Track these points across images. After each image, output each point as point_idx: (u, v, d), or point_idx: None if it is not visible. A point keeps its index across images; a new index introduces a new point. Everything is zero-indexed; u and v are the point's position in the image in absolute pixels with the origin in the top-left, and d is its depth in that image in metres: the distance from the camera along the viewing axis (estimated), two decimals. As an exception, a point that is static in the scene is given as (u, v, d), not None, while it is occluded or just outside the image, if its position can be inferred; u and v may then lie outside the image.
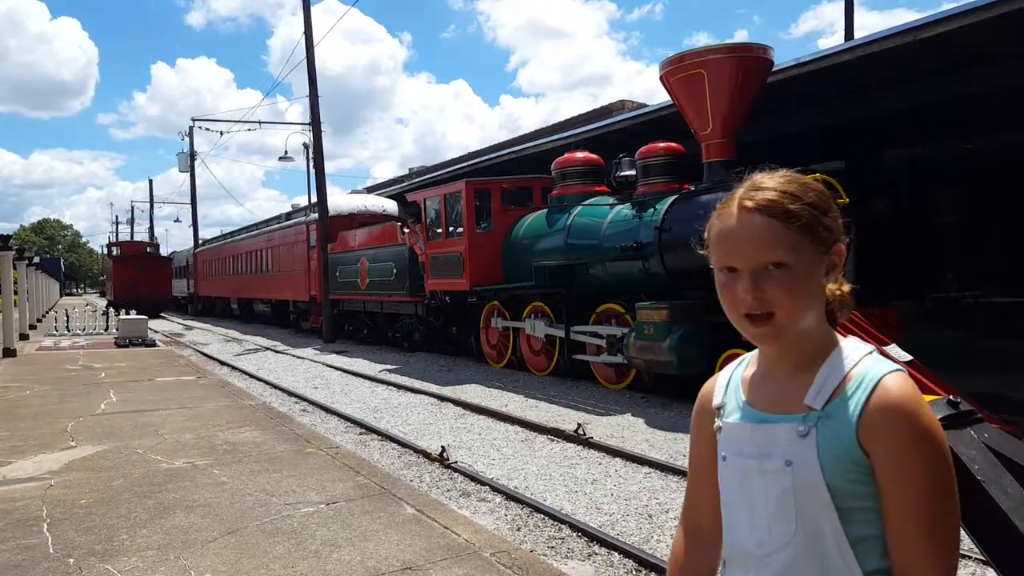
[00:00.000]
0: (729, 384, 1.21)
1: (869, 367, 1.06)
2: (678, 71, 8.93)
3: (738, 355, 5.45)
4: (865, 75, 9.37)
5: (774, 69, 9.08)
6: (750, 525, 1.10)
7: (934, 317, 13.35)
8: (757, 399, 1.15)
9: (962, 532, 1.12)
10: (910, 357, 7.10)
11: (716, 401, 1.21)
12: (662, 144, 9.65)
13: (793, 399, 1.09)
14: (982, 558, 3.71)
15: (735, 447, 1.14)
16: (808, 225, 1.06)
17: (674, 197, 9.11)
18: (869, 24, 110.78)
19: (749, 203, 1.07)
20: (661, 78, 9.28)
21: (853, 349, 1.11)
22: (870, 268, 12.07)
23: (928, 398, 3.54)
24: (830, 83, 9.71)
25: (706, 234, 1.15)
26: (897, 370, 1.05)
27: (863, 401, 1.03)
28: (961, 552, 3.85)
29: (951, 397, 3.14)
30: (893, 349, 7.08)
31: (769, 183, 1.09)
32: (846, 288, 1.17)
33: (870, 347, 1.11)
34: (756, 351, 1.21)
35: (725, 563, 1.19)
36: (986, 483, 2.78)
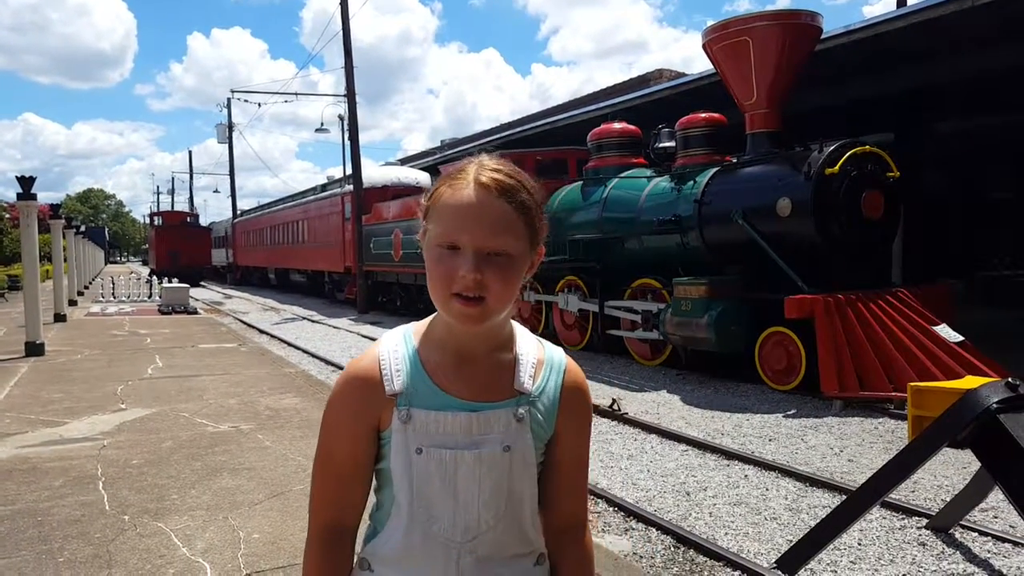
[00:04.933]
0: (406, 369, 1.10)
1: (551, 351, 1.17)
2: (722, 39, 8.71)
3: (781, 333, 5.42)
4: (918, 43, 9.02)
5: (822, 37, 8.79)
6: (454, 515, 1.08)
7: (985, 296, 12.96)
8: (457, 387, 1.09)
9: None
10: (961, 338, 6.91)
11: (393, 388, 1.08)
12: (703, 115, 9.45)
13: (499, 385, 1.10)
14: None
15: (437, 438, 1.07)
16: (531, 219, 1.06)
17: (715, 169, 8.94)
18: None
19: (488, 182, 1.03)
20: (704, 46, 9.06)
21: (527, 333, 1.18)
22: (919, 245, 11.73)
23: (983, 380, 3.44)
24: (881, 52, 9.38)
25: (425, 200, 1.11)
26: (564, 352, 1.20)
27: (560, 384, 1.14)
28: (1015, 539, 3.78)
29: (1009, 380, 3.07)
30: (943, 329, 6.89)
31: (503, 167, 1.07)
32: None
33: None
34: (415, 329, 1.15)
35: (381, 562, 1.11)
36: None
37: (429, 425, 1.08)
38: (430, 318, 1.15)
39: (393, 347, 1.13)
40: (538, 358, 1.14)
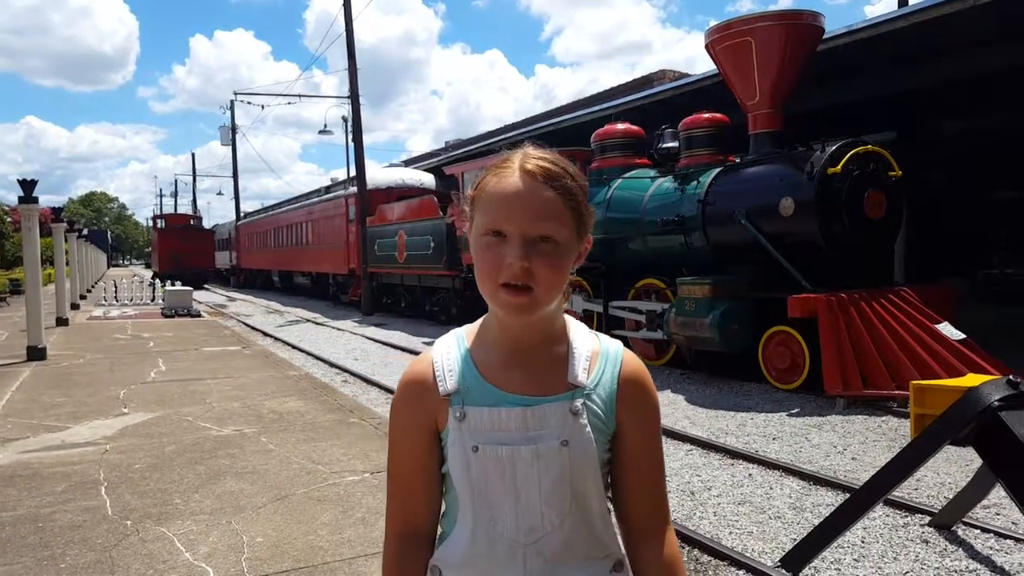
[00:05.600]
0: (459, 369, 1.11)
1: (606, 343, 1.15)
2: (724, 39, 8.70)
3: (784, 332, 5.40)
4: (921, 43, 8.99)
5: (824, 37, 8.78)
6: (516, 514, 1.06)
7: (987, 295, 12.94)
8: (511, 383, 1.08)
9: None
10: (963, 336, 6.89)
11: (446, 387, 1.09)
12: (706, 115, 9.44)
13: (553, 379, 1.09)
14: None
15: (493, 435, 1.06)
16: (578, 207, 1.06)
17: (719, 170, 8.93)
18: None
19: (534, 169, 1.03)
20: (706, 47, 9.05)
21: (581, 326, 1.16)
22: (921, 243, 11.71)
23: (985, 378, 3.43)
24: (883, 51, 9.35)
25: (471, 190, 1.09)
26: (622, 345, 1.17)
27: (616, 376, 1.11)
28: (1017, 536, 3.76)
29: (1011, 377, 3.06)
30: (945, 327, 6.87)
31: (547, 155, 1.07)
32: (572, 278, 1.15)
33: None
34: (467, 330, 1.16)
35: (450, 568, 1.11)
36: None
37: (484, 422, 1.07)
38: (482, 319, 1.16)
39: (446, 348, 1.14)
40: (593, 350, 1.12)
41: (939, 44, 9.01)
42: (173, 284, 20.42)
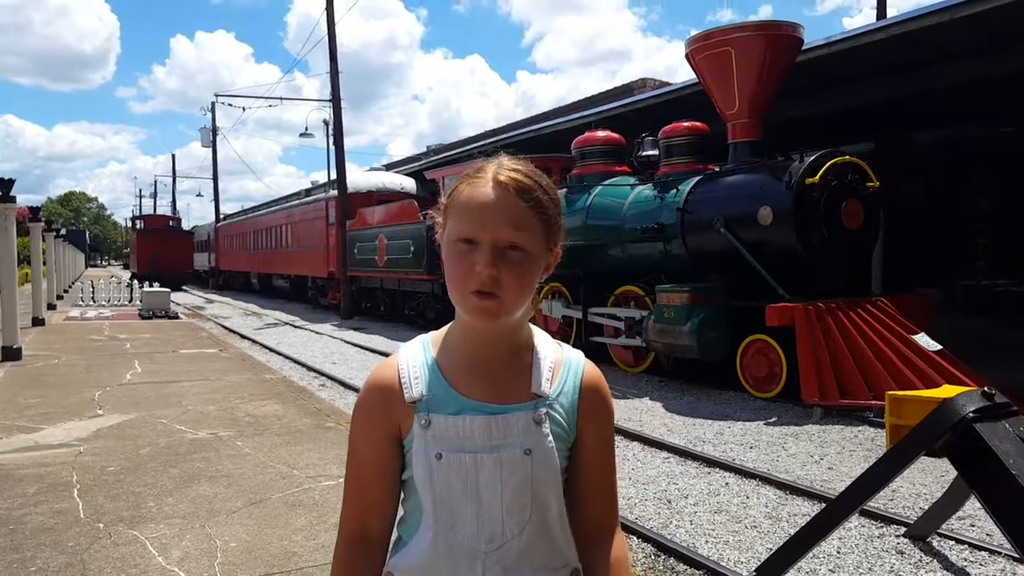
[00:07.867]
0: (424, 376, 1.11)
1: (568, 354, 1.17)
2: (704, 49, 8.78)
3: (762, 341, 5.45)
4: (898, 55, 9.13)
5: (803, 48, 8.90)
6: (477, 522, 1.07)
7: (964, 305, 13.12)
8: (475, 391, 1.09)
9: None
10: (939, 346, 6.99)
11: (412, 394, 1.09)
12: (686, 123, 9.52)
13: (516, 388, 1.10)
14: (1014, 554, 3.68)
15: (457, 443, 1.07)
16: (548, 219, 1.08)
17: (698, 178, 9.00)
18: (900, 3, 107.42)
19: (506, 180, 1.05)
20: (686, 56, 9.14)
21: (545, 336, 1.18)
22: (898, 254, 11.87)
23: (960, 389, 3.45)
24: (861, 63, 9.49)
25: (444, 198, 1.11)
26: (583, 355, 1.19)
27: (578, 386, 1.14)
28: (991, 548, 3.82)
29: (985, 389, 3.11)
30: (921, 338, 6.97)
31: (521, 167, 1.08)
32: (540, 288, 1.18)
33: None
34: (432, 337, 1.17)
35: (406, 574, 1.10)
36: (1021, 478, 2.73)
37: (448, 430, 1.07)
38: (448, 326, 1.16)
39: (412, 355, 1.14)
40: (556, 360, 1.14)
41: (916, 56, 9.16)
42: (151, 285, 20.15)
